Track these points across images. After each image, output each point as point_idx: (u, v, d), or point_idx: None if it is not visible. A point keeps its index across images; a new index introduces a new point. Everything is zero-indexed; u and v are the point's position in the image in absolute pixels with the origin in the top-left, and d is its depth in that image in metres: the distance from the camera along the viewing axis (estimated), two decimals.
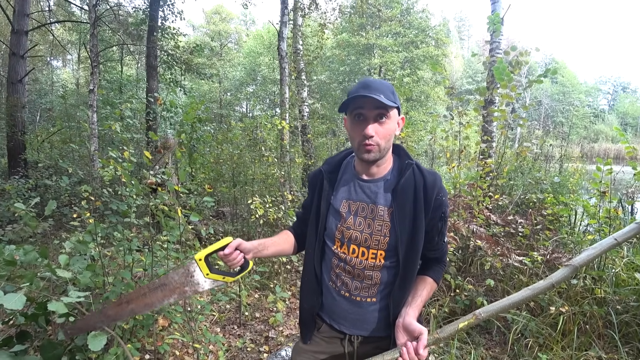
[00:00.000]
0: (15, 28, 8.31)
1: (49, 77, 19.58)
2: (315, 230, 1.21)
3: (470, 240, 3.28)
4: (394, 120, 1.08)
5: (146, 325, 1.56)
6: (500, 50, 4.95)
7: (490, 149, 4.59)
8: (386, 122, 1.06)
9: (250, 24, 38.32)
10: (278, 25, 6.37)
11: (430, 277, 1.18)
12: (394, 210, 1.09)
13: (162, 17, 8.34)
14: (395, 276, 1.13)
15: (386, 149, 1.09)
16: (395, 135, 1.10)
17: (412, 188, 1.10)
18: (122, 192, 1.79)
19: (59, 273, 1.67)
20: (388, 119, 1.06)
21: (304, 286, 1.28)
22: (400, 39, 16.69)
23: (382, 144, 1.06)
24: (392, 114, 1.07)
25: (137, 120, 6.45)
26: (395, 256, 1.12)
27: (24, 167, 7.50)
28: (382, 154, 1.09)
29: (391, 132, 1.08)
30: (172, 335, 1.93)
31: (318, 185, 1.22)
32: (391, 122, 1.07)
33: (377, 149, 1.06)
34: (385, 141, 1.07)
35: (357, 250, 1.14)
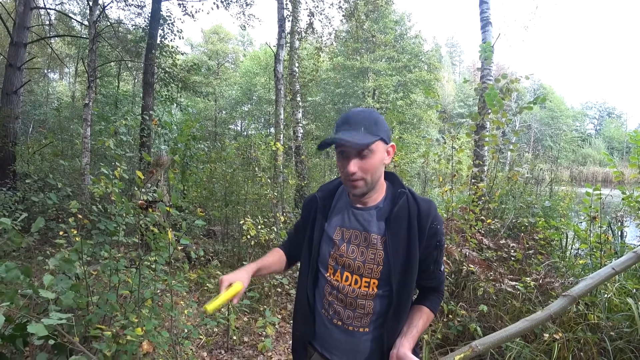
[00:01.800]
0: (14, 40, 8.36)
1: (44, 89, 19.58)
2: (308, 256, 1.20)
3: (463, 264, 3.27)
4: (378, 152, 1.06)
5: (130, 350, 1.50)
6: (491, 77, 5.11)
7: (482, 172, 4.65)
8: (369, 157, 1.04)
9: (248, 45, 39.13)
10: (275, 48, 6.51)
11: (427, 306, 1.17)
12: (387, 239, 1.08)
13: (161, 35, 8.47)
14: (388, 306, 1.11)
15: (374, 181, 1.08)
16: (385, 164, 1.10)
17: (406, 216, 1.09)
18: (112, 210, 1.75)
19: (42, 294, 1.61)
20: (371, 153, 1.04)
21: (296, 313, 1.26)
22: (393, 63, 17.14)
23: (368, 178, 1.06)
24: (376, 147, 1.05)
25: (131, 137, 6.43)
26: (389, 285, 1.09)
27: (13, 178, 7.37)
28: (370, 187, 1.09)
29: (376, 165, 1.06)
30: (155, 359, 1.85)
31: (312, 212, 1.22)
32: (375, 156, 1.05)
33: (362, 184, 1.06)
34: (370, 175, 1.06)
35: (350, 278, 1.12)
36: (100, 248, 1.83)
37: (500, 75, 4.61)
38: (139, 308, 1.62)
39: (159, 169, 3.98)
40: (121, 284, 1.73)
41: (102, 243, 1.80)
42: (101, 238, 1.71)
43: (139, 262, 1.64)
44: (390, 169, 4.43)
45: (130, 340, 1.44)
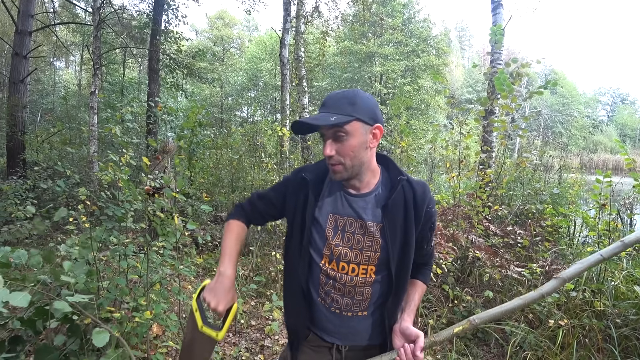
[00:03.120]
0: (19, 28, 8.34)
1: (51, 78, 19.65)
2: (299, 244, 1.13)
3: (469, 250, 3.27)
4: (357, 134, 0.99)
5: (140, 333, 1.54)
6: (501, 62, 4.98)
7: (490, 159, 4.60)
8: (346, 139, 0.98)
9: (253, 30, 38.62)
10: (280, 32, 6.41)
11: (420, 279, 1.23)
12: (384, 226, 1.06)
13: (165, 21, 8.39)
14: (387, 289, 1.12)
15: (355, 166, 1.02)
16: (370, 147, 1.03)
17: (402, 202, 1.08)
18: (119, 196, 1.77)
19: (63, 278, 1.65)
20: (348, 135, 0.98)
21: (288, 302, 1.21)
22: (401, 47, 16.80)
23: (347, 162, 1.01)
24: (351, 128, 0.98)
25: (138, 124, 6.46)
26: (386, 270, 1.10)
27: (23, 167, 7.48)
28: (352, 172, 1.03)
29: (354, 148, 0.99)
30: (166, 342, 1.90)
31: (302, 195, 1.14)
32: (353, 138, 0.98)
33: (341, 168, 1.02)
34: (350, 158, 1.00)
35: (347, 267, 1.09)
36: (109, 234, 1.87)
37: (510, 60, 4.50)
38: (147, 292, 1.66)
39: (166, 155, 4.01)
40: (130, 269, 1.76)
41: (111, 229, 1.83)
42: (110, 224, 1.74)
43: (147, 248, 1.67)
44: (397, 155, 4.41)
45: (139, 322, 1.47)
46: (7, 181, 6.13)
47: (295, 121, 1.01)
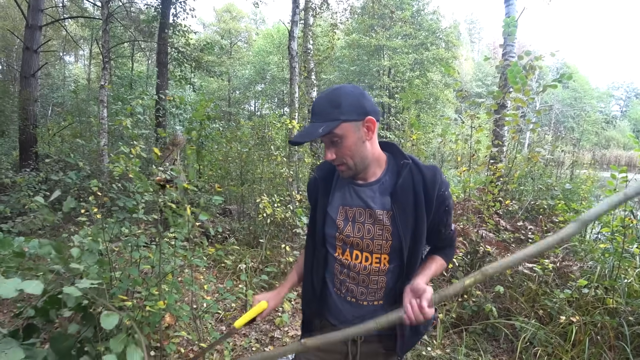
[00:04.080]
0: (29, 23, 8.41)
1: (61, 72, 19.84)
2: (313, 237, 1.19)
3: (479, 245, 3.23)
4: (349, 134, 1.00)
5: (153, 322, 1.56)
6: (513, 54, 4.88)
7: (500, 153, 4.53)
8: (341, 142, 1.00)
9: (260, 23, 38.43)
10: (289, 25, 6.37)
11: (440, 256, 1.19)
12: (394, 214, 1.05)
13: (173, 14, 8.39)
14: (400, 277, 1.11)
15: (358, 162, 1.04)
16: (367, 140, 1.03)
17: (410, 188, 1.06)
18: (130, 188, 1.78)
19: (73, 266, 1.67)
20: (341, 138, 1.00)
21: (305, 293, 1.25)
22: (410, 40, 16.58)
23: (349, 162, 1.03)
24: (341, 130, 0.99)
25: (147, 117, 6.50)
26: (400, 258, 1.09)
27: (35, 160, 7.60)
28: (359, 168, 1.06)
29: (351, 147, 1.01)
30: (178, 332, 1.92)
31: (314, 194, 1.19)
32: (346, 139, 1.00)
33: (345, 168, 1.05)
34: (350, 157, 1.03)
35: (360, 256, 1.11)
36: (121, 225, 1.88)
37: (523, 52, 4.41)
38: (160, 282, 1.67)
39: (175, 148, 4.03)
40: (142, 260, 1.78)
41: (123, 220, 1.85)
42: (121, 215, 1.76)
43: (159, 238, 1.68)
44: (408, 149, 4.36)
45: (152, 312, 1.49)
46: (20, 173, 6.23)
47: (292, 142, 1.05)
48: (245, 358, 1.04)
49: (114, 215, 1.95)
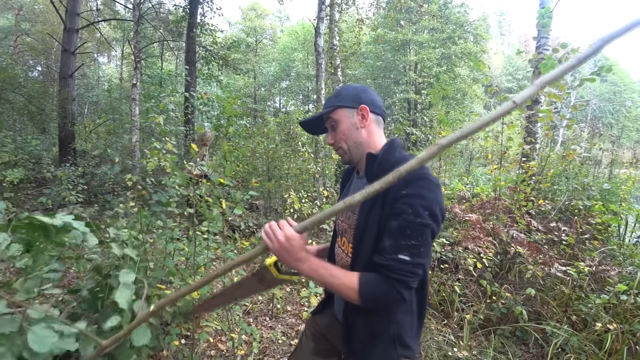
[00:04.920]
0: (67, 26, 8.87)
1: (95, 72, 20.77)
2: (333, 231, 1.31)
3: (510, 246, 3.14)
4: (345, 119, 1.11)
5: (185, 312, 1.63)
6: (548, 47, 4.67)
7: (533, 151, 4.35)
8: (338, 126, 1.12)
9: (285, 20, 38.63)
10: (315, 21, 6.36)
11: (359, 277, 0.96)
12: (360, 207, 1.08)
13: (201, 13, 8.59)
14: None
15: (354, 146, 1.12)
16: (361, 126, 1.11)
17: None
18: (166, 182, 1.86)
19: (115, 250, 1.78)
20: (338, 122, 1.12)
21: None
22: (437, 34, 16.15)
23: (344, 145, 1.12)
24: (337, 115, 1.11)
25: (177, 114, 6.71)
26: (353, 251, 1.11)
27: (73, 155, 8.03)
28: (353, 152, 1.13)
29: (346, 131, 1.11)
30: (207, 322, 1.99)
31: (342, 185, 1.33)
32: (342, 123, 1.11)
33: (342, 151, 1.14)
34: (344, 141, 1.12)
35: (344, 243, 1.18)
36: (157, 218, 1.97)
37: (559, 45, 4.21)
38: (195, 274, 1.74)
39: (205, 144, 4.14)
40: (176, 252, 1.85)
41: (159, 213, 1.93)
42: (157, 208, 1.84)
43: (194, 232, 1.74)
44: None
45: (185, 301, 1.56)
46: (60, 168, 6.60)
47: (300, 122, 1.20)
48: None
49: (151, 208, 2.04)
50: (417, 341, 1.13)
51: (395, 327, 1.06)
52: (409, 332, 1.08)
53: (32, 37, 18.34)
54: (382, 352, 1.05)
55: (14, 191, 5.94)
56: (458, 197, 4.27)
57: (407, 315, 1.08)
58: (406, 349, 1.07)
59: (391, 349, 1.05)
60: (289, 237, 0.91)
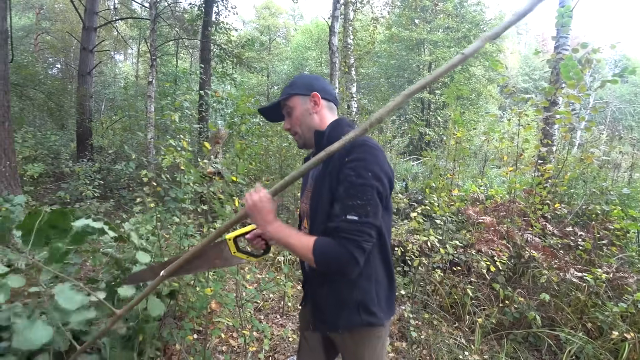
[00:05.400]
0: (86, 25, 9.08)
1: (112, 70, 21.16)
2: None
3: (524, 249, 3.08)
4: (298, 105, 1.19)
5: (200, 308, 1.65)
6: (567, 47, 4.56)
7: (550, 153, 4.26)
8: (292, 113, 1.20)
9: (299, 19, 38.67)
10: (329, 20, 6.35)
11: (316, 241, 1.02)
12: (314, 179, 1.17)
13: (216, 12, 8.66)
14: None
15: (307, 130, 1.19)
16: (314, 112, 1.18)
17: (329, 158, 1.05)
18: (180, 179, 1.89)
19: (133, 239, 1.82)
20: (292, 109, 1.20)
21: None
22: (452, 34, 15.92)
23: (298, 130, 1.20)
24: (291, 102, 1.20)
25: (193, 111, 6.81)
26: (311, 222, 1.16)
27: (91, 151, 8.21)
28: (307, 138, 1.20)
29: (300, 116, 1.19)
30: (219, 318, 2.02)
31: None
32: (296, 110, 1.19)
33: (297, 137, 1.22)
34: (298, 126, 1.20)
35: (305, 222, 1.23)
36: (172, 214, 2.01)
37: (579, 45, 4.10)
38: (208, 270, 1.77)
39: (218, 142, 4.18)
40: (190, 248, 1.88)
41: (174, 209, 1.97)
42: (172, 204, 1.87)
43: (208, 228, 1.77)
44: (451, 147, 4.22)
45: (199, 297, 1.58)
46: (78, 163, 6.77)
47: (259, 110, 1.29)
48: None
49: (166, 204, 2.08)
50: (388, 311, 1.18)
51: (358, 293, 1.11)
52: (374, 299, 1.13)
53: (52, 35, 18.83)
54: (346, 317, 1.12)
55: (34, 185, 6.12)
56: (471, 198, 4.21)
57: (372, 283, 1.13)
58: (371, 315, 1.12)
59: (355, 314, 1.11)
60: (261, 197, 1.03)
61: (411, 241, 3.30)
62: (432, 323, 2.81)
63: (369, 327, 1.13)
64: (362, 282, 1.11)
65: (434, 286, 3.18)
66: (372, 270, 1.13)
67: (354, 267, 0.98)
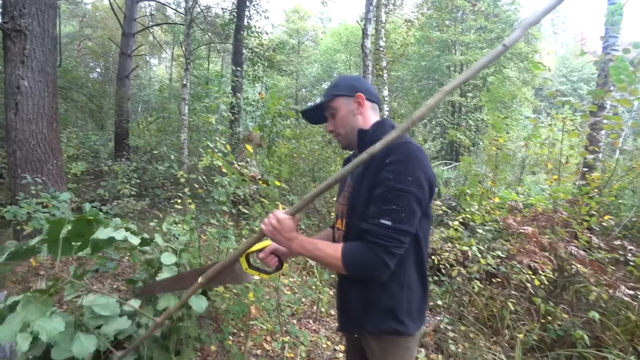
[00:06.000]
0: (125, 31, 9.55)
1: (147, 74, 22.10)
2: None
3: (570, 264, 2.90)
4: (342, 107, 1.18)
5: (238, 312, 1.66)
6: (617, 47, 4.27)
7: (596, 161, 4.01)
8: (336, 114, 1.19)
9: (327, 22, 38.85)
10: (362, 22, 6.30)
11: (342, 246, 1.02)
12: (352, 181, 1.15)
13: (247, 16, 8.84)
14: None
15: (351, 131, 1.18)
16: (358, 113, 1.17)
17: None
18: (220, 181, 1.91)
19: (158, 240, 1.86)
20: (336, 110, 1.19)
21: None
22: (485, 34, 15.42)
23: (342, 132, 1.19)
24: (334, 103, 1.19)
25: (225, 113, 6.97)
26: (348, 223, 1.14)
27: (127, 150, 8.58)
28: (351, 139, 1.19)
29: (344, 118, 1.18)
30: (254, 322, 2.02)
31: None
32: (340, 111, 1.18)
33: (341, 137, 1.21)
34: (342, 127, 1.19)
35: (340, 222, 1.21)
36: (212, 216, 2.04)
37: (630, 45, 3.84)
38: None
39: (250, 144, 4.24)
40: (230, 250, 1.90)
41: (214, 212, 2.00)
42: (214, 207, 1.90)
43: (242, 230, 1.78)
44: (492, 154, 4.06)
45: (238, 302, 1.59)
46: (116, 162, 7.08)
47: (301, 112, 1.28)
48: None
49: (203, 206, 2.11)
50: (419, 321, 1.14)
51: (388, 299, 1.07)
52: (404, 307, 1.08)
53: (93, 41, 19.93)
54: (374, 321, 1.09)
55: (76, 182, 6.45)
56: (508, 207, 4.03)
57: (404, 290, 1.08)
58: (399, 323, 1.08)
59: (382, 319, 1.08)
60: (279, 220, 1.03)
61: (445, 249, 3.19)
62: (469, 336, 2.70)
63: (396, 336, 1.10)
64: (393, 288, 1.08)
65: (469, 297, 3.06)
66: (406, 277, 1.09)
67: (385, 270, 0.98)
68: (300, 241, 1.04)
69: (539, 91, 24.57)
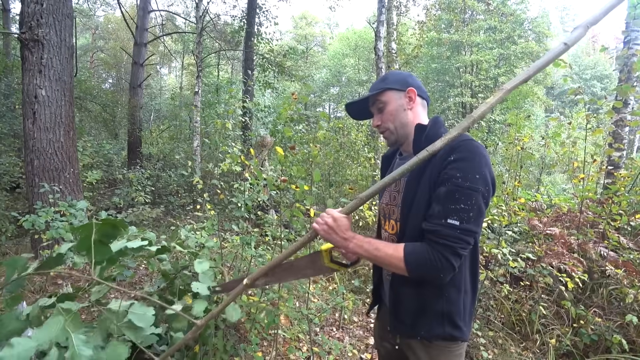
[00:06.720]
0: (137, 41, 9.70)
1: (158, 83, 22.45)
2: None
3: (600, 265, 2.79)
4: (392, 101, 1.13)
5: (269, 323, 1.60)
6: (639, 42, 4.16)
7: (621, 158, 3.88)
8: (385, 108, 1.14)
9: (334, 27, 39.03)
10: (375, 25, 6.27)
11: (404, 246, 0.97)
12: (406, 180, 1.08)
13: (257, 23, 8.90)
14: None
15: (400, 126, 1.13)
16: (409, 108, 1.13)
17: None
18: (244, 187, 1.88)
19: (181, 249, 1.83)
20: (385, 104, 1.13)
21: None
22: (495, 34, 15.24)
23: (391, 126, 1.14)
24: (385, 97, 1.13)
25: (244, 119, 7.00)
26: (400, 226, 1.08)
27: (140, 159, 8.66)
28: (399, 134, 1.14)
29: (393, 112, 1.13)
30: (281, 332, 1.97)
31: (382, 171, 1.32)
32: (389, 105, 1.13)
33: (388, 133, 1.15)
34: (392, 122, 1.13)
35: (388, 224, 1.16)
36: (236, 222, 2.00)
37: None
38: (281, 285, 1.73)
39: (264, 149, 4.22)
40: (257, 258, 1.86)
41: (237, 218, 1.96)
42: (239, 213, 1.86)
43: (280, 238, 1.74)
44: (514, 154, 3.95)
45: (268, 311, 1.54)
46: (130, 170, 7.14)
47: (347, 105, 1.22)
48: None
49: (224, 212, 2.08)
50: (469, 325, 1.08)
51: (445, 304, 1.02)
52: (461, 312, 1.04)
53: (105, 52, 20.35)
54: (428, 325, 1.04)
55: (91, 190, 6.53)
56: (529, 207, 3.92)
57: (460, 294, 1.03)
58: (455, 328, 1.03)
59: (438, 324, 1.03)
60: (335, 218, 0.99)
61: None
62: (497, 342, 2.60)
63: (450, 342, 1.05)
64: (451, 291, 1.02)
65: (495, 301, 2.96)
66: (462, 280, 1.04)
67: (450, 272, 0.93)
68: (357, 241, 1.00)
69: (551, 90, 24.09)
